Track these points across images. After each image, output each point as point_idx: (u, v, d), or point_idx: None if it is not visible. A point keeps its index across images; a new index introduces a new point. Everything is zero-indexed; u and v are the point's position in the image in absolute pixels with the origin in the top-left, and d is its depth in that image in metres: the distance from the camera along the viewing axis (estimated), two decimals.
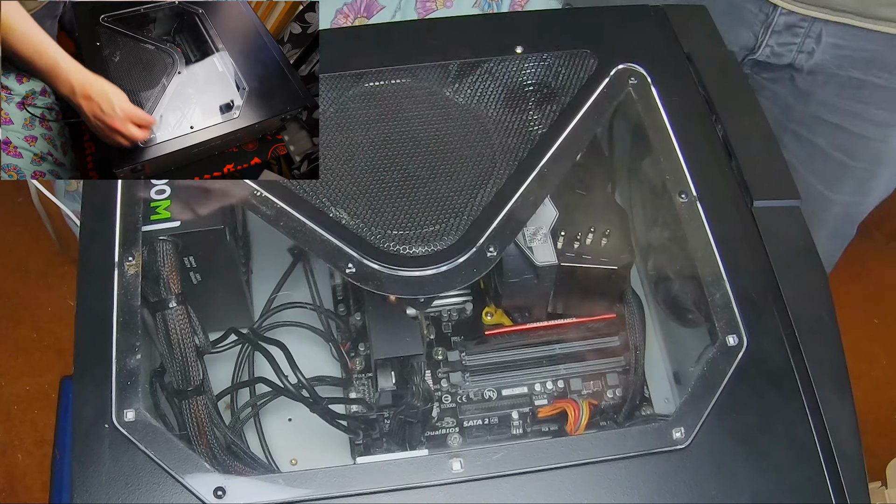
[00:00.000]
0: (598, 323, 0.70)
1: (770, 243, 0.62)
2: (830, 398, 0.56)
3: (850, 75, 0.87)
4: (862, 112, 0.89)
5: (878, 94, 0.87)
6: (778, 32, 0.87)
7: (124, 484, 0.52)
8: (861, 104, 0.89)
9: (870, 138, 0.91)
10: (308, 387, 0.60)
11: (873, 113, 0.89)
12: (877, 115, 0.89)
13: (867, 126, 0.90)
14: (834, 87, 0.88)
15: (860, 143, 0.91)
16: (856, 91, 0.88)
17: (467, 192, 0.63)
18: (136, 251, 0.60)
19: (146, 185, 0.63)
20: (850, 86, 0.88)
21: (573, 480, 0.53)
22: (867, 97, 0.88)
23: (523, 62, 0.71)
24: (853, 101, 0.89)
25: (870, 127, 0.90)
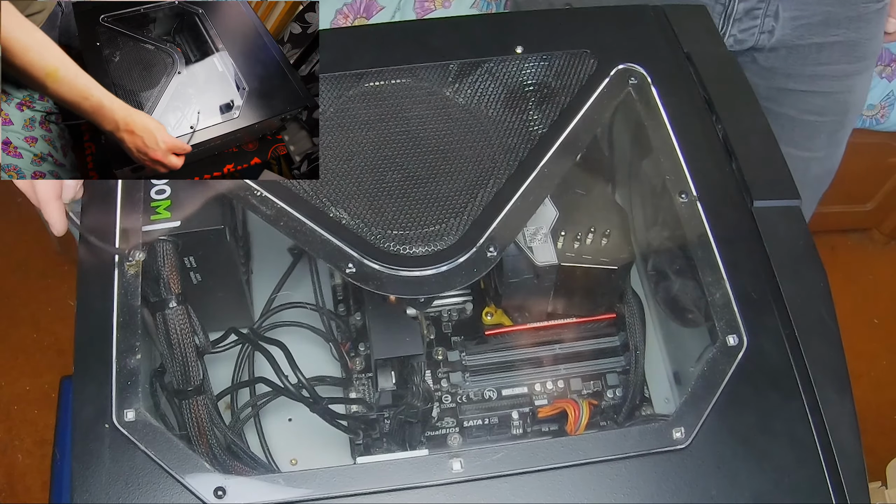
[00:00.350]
0: (598, 323, 0.70)
1: (770, 243, 0.62)
2: (830, 398, 0.56)
3: (810, 42, 0.90)
4: (825, 72, 0.92)
5: (837, 50, 0.91)
6: (738, 20, 0.88)
7: (124, 484, 0.52)
8: (824, 65, 0.92)
9: (836, 92, 0.94)
10: (308, 387, 0.60)
11: (835, 69, 0.92)
12: (839, 69, 0.92)
13: (832, 83, 0.93)
14: (796, 57, 0.92)
15: (828, 100, 0.94)
16: (817, 55, 0.91)
17: (467, 192, 0.63)
18: (136, 251, 0.60)
19: (146, 185, 0.63)
20: (812, 51, 0.91)
21: (573, 480, 0.53)
22: (828, 57, 0.91)
23: (523, 62, 0.71)
24: (816, 64, 0.91)
25: (834, 83, 0.93)
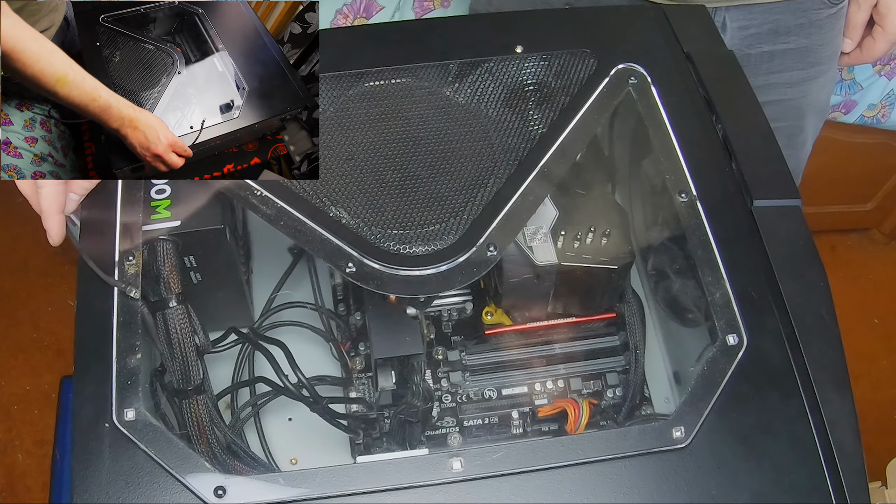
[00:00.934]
0: (598, 322, 0.70)
1: (770, 243, 0.62)
2: (830, 397, 0.56)
3: (760, 51, 0.88)
4: (777, 80, 0.91)
5: (788, 57, 0.89)
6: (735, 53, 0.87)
7: (124, 484, 0.52)
8: (775, 74, 0.90)
9: (789, 99, 0.92)
10: (308, 386, 0.60)
11: (787, 77, 0.91)
12: (791, 76, 0.91)
13: (784, 90, 0.92)
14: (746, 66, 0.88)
15: (781, 106, 0.93)
16: (768, 64, 0.89)
17: (467, 192, 0.63)
18: (136, 251, 0.60)
19: (146, 185, 0.63)
20: (762, 60, 0.89)
21: (573, 480, 0.53)
22: (779, 65, 0.90)
23: (523, 62, 0.71)
24: (767, 74, 0.90)
25: (787, 90, 0.92)
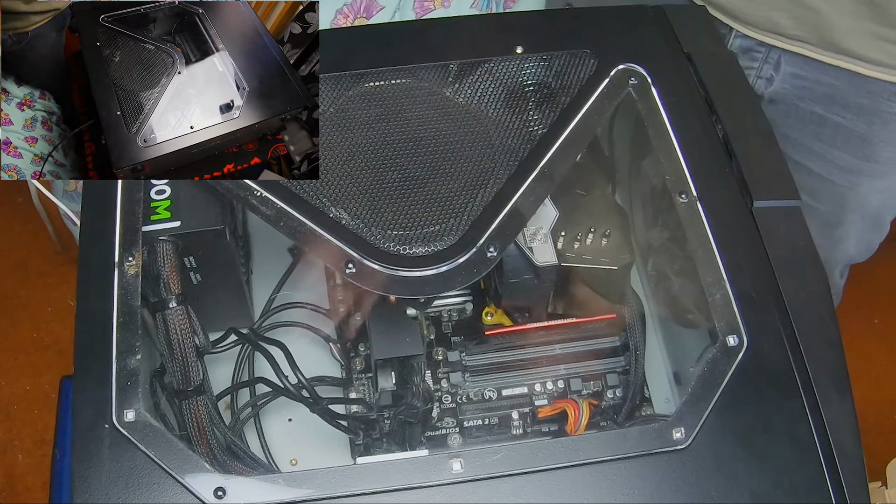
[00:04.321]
0: (598, 323, 0.70)
1: (770, 243, 0.62)
2: (830, 398, 0.56)
3: (811, 109, 0.83)
4: (825, 153, 0.84)
5: (841, 134, 0.83)
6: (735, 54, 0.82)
7: (124, 484, 0.52)
8: (824, 144, 0.84)
9: (834, 182, 0.86)
10: (308, 387, 0.60)
11: (837, 155, 0.84)
12: (841, 158, 0.84)
13: (831, 169, 0.85)
14: (796, 120, 0.84)
15: (824, 185, 0.86)
16: (818, 128, 0.84)
17: (467, 193, 0.63)
18: (136, 251, 0.60)
19: (146, 185, 0.63)
20: (812, 121, 0.83)
21: (573, 480, 0.53)
22: (830, 137, 0.83)
23: (523, 62, 0.71)
24: (815, 139, 0.84)
25: (833, 170, 0.85)
